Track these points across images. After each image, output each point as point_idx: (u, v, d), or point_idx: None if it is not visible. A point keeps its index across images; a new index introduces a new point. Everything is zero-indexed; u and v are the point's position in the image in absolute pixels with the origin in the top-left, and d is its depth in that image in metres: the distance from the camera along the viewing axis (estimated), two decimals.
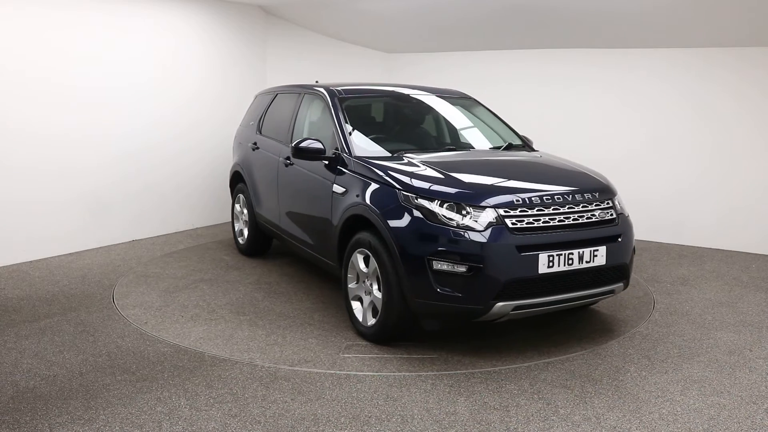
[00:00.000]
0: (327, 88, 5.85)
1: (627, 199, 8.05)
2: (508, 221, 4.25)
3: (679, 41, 7.53)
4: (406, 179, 4.57)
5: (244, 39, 8.73)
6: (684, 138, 7.70)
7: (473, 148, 5.76)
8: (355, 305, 4.84)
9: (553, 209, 4.39)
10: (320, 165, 5.34)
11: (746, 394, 3.98)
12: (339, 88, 5.84)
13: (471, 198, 4.34)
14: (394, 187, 4.54)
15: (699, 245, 7.66)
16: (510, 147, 5.71)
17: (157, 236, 7.82)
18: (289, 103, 6.42)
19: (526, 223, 4.29)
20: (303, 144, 5.25)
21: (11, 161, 6.42)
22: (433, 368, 4.29)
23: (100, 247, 7.23)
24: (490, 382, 4.11)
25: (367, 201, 4.68)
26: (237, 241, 7.27)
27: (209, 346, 4.67)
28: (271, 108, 6.80)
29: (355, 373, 4.20)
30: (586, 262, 4.39)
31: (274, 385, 4.01)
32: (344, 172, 5.04)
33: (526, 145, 5.85)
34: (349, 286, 4.88)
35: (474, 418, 3.65)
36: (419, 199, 4.38)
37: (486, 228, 4.22)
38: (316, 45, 9.28)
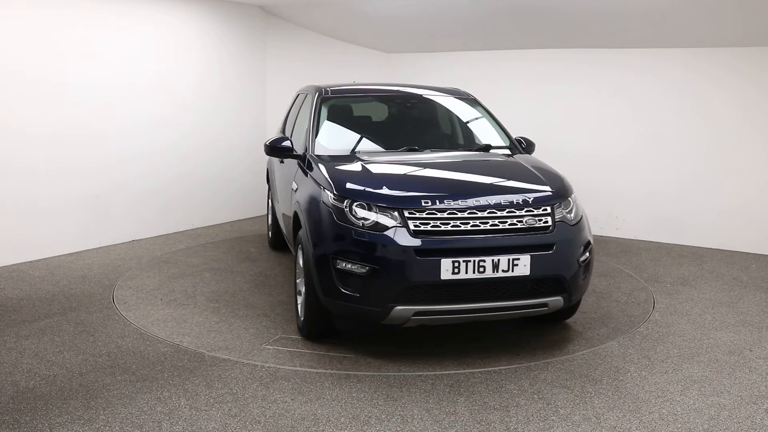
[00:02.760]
0: (318, 88, 5.93)
1: (627, 199, 8.10)
2: (411, 223, 4.15)
3: (679, 41, 7.53)
4: (329, 178, 4.58)
5: (243, 39, 8.73)
6: (684, 138, 7.70)
7: (443, 149, 5.56)
8: (300, 300, 4.91)
9: (468, 213, 4.20)
10: (295, 163, 5.46)
11: (746, 394, 3.98)
12: (328, 88, 5.91)
13: (377, 198, 4.28)
14: (320, 185, 4.62)
15: (699, 245, 7.66)
16: (488, 148, 5.49)
17: (157, 236, 7.82)
18: (299, 103, 6.59)
19: (431, 227, 4.15)
20: (271, 141, 5.39)
21: (11, 161, 6.41)
22: (433, 368, 4.29)
23: (100, 247, 7.23)
24: (490, 382, 4.11)
25: (300, 198, 4.81)
26: (268, 235, 7.60)
27: (157, 327, 4.97)
28: (292, 108, 6.97)
29: (355, 372, 4.20)
30: (503, 271, 4.13)
31: (274, 385, 4.02)
32: (307, 171, 5.12)
33: (514, 146, 5.55)
34: (297, 281, 4.98)
35: (474, 418, 3.65)
36: (333, 198, 4.40)
37: (385, 229, 4.16)
38: (316, 45, 9.28)
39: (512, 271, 4.15)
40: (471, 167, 5.01)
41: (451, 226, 4.17)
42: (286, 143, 5.35)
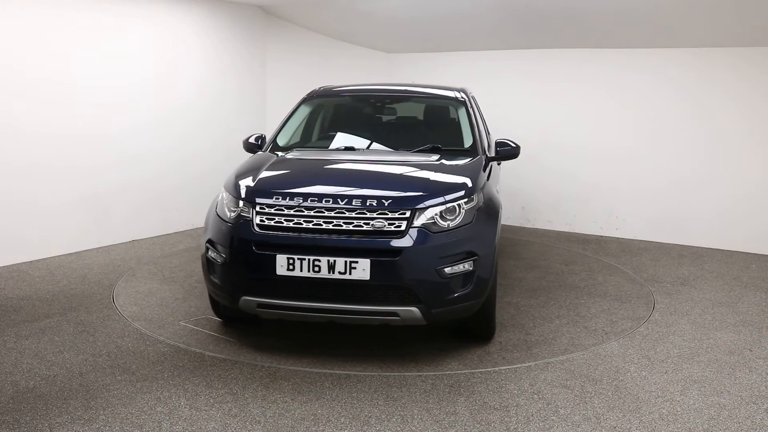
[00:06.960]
0: (315, 88, 6.06)
1: (627, 199, 8.10)
2: (257, 218, 4.28)
3: (678, 41, 7.54)
4: (233, 171, 4.82)
5: (243, 39, 8.72)
6: (683, 138, 7.71)
7: (384, 149, 5.34)
8: None
9: (315, 212, 4.17)
10: None
11: (746, 394, 3.98)
12: (321, 86, 6.05)
13: (242, 192, 4.45)
14: None
15: (699, 245, 7.66)
16: (439, 150, 5.14)
17: (157, 236, 7.82)
18: None
19: (275, 222, 4.23)
20: (252, 138, 5.57)
21: (11, 161, 6.41)
22: (433, 368, 4.29)
23: (100, 247, 7.23)
24: (490, 382, 4.11)
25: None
26: None
27: (124, 297, 5.53)
28: None
29: (355, 372, 4.20)
30: (340, 273, 4.03)
31: (274, 385, 4.02)
32: None
33: (474, 149, 5.22)
34: None
35: (474, 418, 3.65)
36: (223, 190, 4.66)
37: (236, 222, 4.34)
38: (316, 45, 9.28)
39: (349, 274, 4.04)
40: (375, 167, 4.81)
41: (294, 223, 4.21)
42: (257, 140, 5.56)
